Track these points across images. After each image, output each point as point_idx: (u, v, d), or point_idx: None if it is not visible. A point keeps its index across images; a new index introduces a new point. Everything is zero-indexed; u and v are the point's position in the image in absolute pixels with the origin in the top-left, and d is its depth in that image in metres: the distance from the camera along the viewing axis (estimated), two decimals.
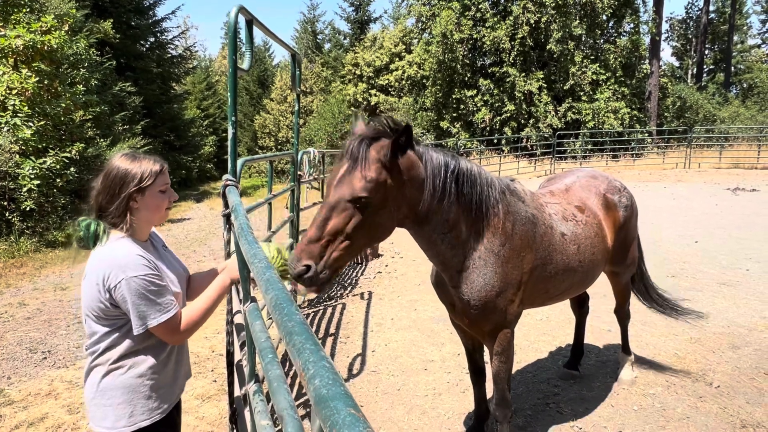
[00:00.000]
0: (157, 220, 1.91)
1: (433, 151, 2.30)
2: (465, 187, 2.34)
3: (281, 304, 0.97)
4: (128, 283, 1.70)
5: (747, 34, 45.17)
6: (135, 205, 1.81)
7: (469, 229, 2.39)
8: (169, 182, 1.92)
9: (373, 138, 2.08)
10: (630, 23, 24.93)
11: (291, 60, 4.50)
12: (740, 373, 4.00)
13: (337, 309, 5.99)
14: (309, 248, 1.97)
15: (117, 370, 1.78)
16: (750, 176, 17.18)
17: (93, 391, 1.79)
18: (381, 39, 32.66)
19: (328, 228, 1.98)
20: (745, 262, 7.09)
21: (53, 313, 6.19)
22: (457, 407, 3.69)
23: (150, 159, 1.87)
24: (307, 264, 1.95)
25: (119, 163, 1.82)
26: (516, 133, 22.89)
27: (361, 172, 2.00)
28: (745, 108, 28.21)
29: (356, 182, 1.99)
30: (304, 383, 0.73)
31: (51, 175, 10.49)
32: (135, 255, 1.75)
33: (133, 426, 1.80)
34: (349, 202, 1.99)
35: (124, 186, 1.79)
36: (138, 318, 1.72)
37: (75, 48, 11.99)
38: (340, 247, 2.00)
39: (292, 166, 5.34)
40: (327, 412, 0.62)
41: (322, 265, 1.97)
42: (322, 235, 1.98)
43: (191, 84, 37.63)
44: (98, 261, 1.75)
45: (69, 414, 3.79)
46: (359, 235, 2.04)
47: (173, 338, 1.81)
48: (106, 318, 1.77)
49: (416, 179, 2.18)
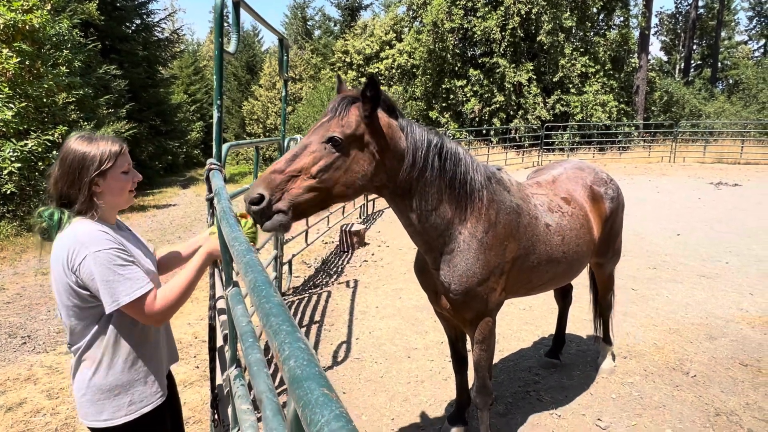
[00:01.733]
0: (122, 203, 1.84)
1: (417, 126, 2.30)
2: (448, 164, 2.34)
3: (259, 286, 0.97)
4: (93, 258, 1.63)
5: (734, 31, 45.61)
6: (98, 190, 1.74)
7: (454, 211, 2.40)
8: (130, 162, 1.84)
9: (355, 98, 2.09)
10: (620, 16, 25.02)
11: (279, 45, 4.45)
12: (716, 363, 4.10)
13: (323, 297, 5.99)
14: (269, 177, 1.91)
15: (105, 364, 1.74)
16: (733, 171, 17.44)
17: (84, 388, 1.74)
18: (371, 27, 32.39)
19: (295, 163, 1.95)
20: (724, 255, 7.22)
21: (34, 297, 6.12)
22: (439, 394, 3.73)
23: (107, 139, 1.79)
24: (261, 193, 1.87)
25: (76, 146, 1.73)
26: (505, 125, 22.93)
27: (340, 120, 2.03)
28: (730, 104, 28.56)
29: (333, 126, 2.02)
30: (279, 364, 0.72)
31: (32, 158, 10.29)
32: (96, 231, 1.69)
33: (135, 413, 1.78)
34: (322, 142, 1.99)
35: (83, 170, 1.71)
36: (109, 295, 1.64)
37: (58, 28, 11.69)
38: (303, 185, 1.94)
39: (279, 153, 5.30)
40: (300, 392, 0.62)
41: (278, 197, 1.90)
42: (286, 168, 1.94)
43: (178, 68, 37.00)
44: (59, 246, 1.68)
45: (48, 399, 3.76)
46: (324, 180, 1.98)
47: (150, 318, 1.71)
48: (81, 310, 1.71)
49: (396, 148, 2.18)
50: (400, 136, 2.20)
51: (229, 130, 40.06)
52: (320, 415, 0.57)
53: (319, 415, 0.57)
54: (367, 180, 2.12)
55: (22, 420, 3.50)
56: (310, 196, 1.95)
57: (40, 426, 3.43)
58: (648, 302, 5.45)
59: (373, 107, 2.07)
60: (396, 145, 2.18)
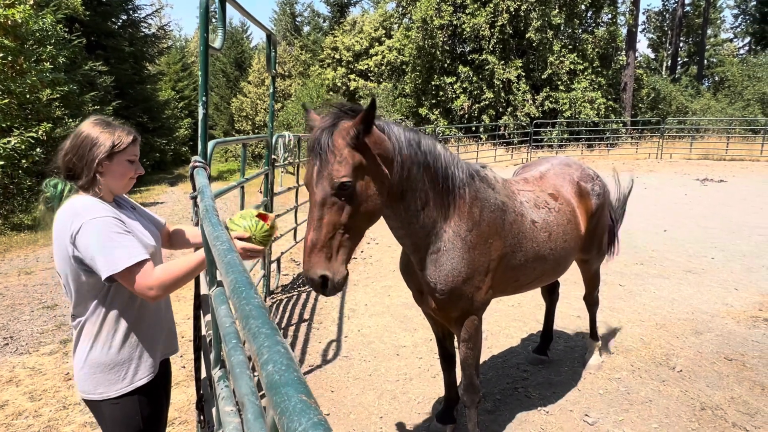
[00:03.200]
0: (119, 188, 1.88)
1: (395, 125, 2.28)
2: (429, 159, 2.33)
3: (239, 287, 0.94)
4: (90, 225, 1.67)
5: (720, 28, 46.17)
6: (101, 169, 1.80)
7: (439, 209, 2.38)
8: (137, 154, 1.91)
9: (332, 125, 2.01)
10: (608, 14, 25.19)
11: (267, 41, 4.41)
12: (702, 357, 4.14)
13: (312, 295, 5.97)
14: (316, 257, 1.93)
15: (102, 340, 1.80)
16: (718, 167, 17.66)
17: (81, 361, 1.81)
18: (361, 23, 32.30)
19: (325, 227, 1.94)
20: (710, 250, 7.30)
21: (17, 297, 6.02)
22: (428, 392, 3.73)
23: (124, 129, 1.87)
24: (323, 275, 1.93)
25: (92, 128, 1.81)
26: (494, 121, 23.01)
27: (335, 161, 1.95)
28: (716, 101, 28.89)
29: (334, 172, 1.93)
30: (257, 368, 0.71)
31: (16, 155, 10.13)
32: (93, 202, 1.76)
33: (130, 386, 1.83)
34: (334, 194, 1.94)
35: (93, 149, 1.78)
36: (105, 260, 1.65)
37: (41, 23, 11.50)
38: (344, 240, 1.98)
39: (267, 150, 5.26)
40: (278, 398, 0.60)
41: (335, 266, 1.95)
42: (321, 236, 1.94)
43: (166, 65, 36.61)
44: (59, 219, 1.74)
45: (31, 401, 3.70)
46: (357, 222, 2.01)
47: (145, 289, 1.70)
48: (80, 284, 1.75)
49: (386, 154, 2.14)
50: (386, 140, 2.17)
51: (217, 126, 39.78)
52: (297, 422, 0.55)
53: (296, 423, 0.55)
54: (383, 195, 2.12)
55: (3, 423, 3.44)
56: (353, 243, 2.03)
57: (23, 428, 3.37)
58: (635, 298, 5.49)
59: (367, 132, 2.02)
60: (386, 150, 2.14)
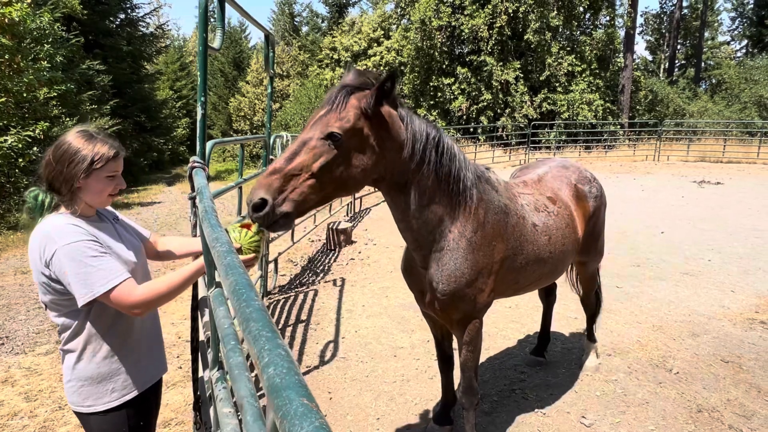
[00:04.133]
0: (97, 204, 1.84)
1: (417, 117, 2.27)
2: (444, 158, 2.30)
3: (240, 289, 0.94)
4: (62, 251, 1.64)
5: (717, 31, 46.32)
6: (78, 185, 1.75)
7: (445, 208, 2.37)
8: (120, 170, 1.84)
9: (356, 87, 2.03)
10: (606, 16, 25.25)
11: (265, 41, 4.40)
12: (699, 359, 4.15)
13: (309, 295, 5.96)
14: (269, 180, 1.87)
15: (87, 355, 1.78)
16: (715, 170, 17.71)
17: (69, 374, 1.79)
18: (359, 23, 32.29)
19: (295, 162, 1.90)
20: (707, 252, 7.32)
21: (13, 297, 5.99)
22: (425, 394, 3.73)
23: (106, 142, 1.79)
24: (263, 197, 1.83)
25: (72, 141, 1.75)
26: (492, 122, 23.04)
27: (338, 114, 1.96)
28: (713, 103, 28.94)
29: (332, 121, 1.95)
30: (258, 371, 0.70)
31: (12, 154, 10.08)
32: (66, 224, 1.70)
33: (118, 401, 1.82)
34: (321, 138, 1.93)
35: (72, 165, 1.72)
36: (82, 286, 1.63)
37: (39, 22, 11.45)
38: (305, 184, 1.90)
39: (266, 151, 5.25)
40: (279, 401, 0.60)
41: (281, 199, 1.86)
42: (286, 167, 1.89)
43: (164, 64, 36.54)
44: (33, 241, 1.70)
45: (26, 401, 3.69)
46: (326, 177, 1.95)
47: (130, 308, 1.70)
48: (58, 304, 1.73)
49: (396, 139, 2.13)
50: (400, 126, 2.15)
51: (215, 126, 39.69)
52: (299, 426, 0.55)
53: (298, 427, 0.55)
54: (367, 173, 2.07)
55: None
56: (312, 193, 1.93)
57: (18, 429, 3.36)
58: (632, 299, 5.50)
59: (381, 100, 2.02)
60: (396, 135, 2.13)
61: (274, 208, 1.85)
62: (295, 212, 1.91)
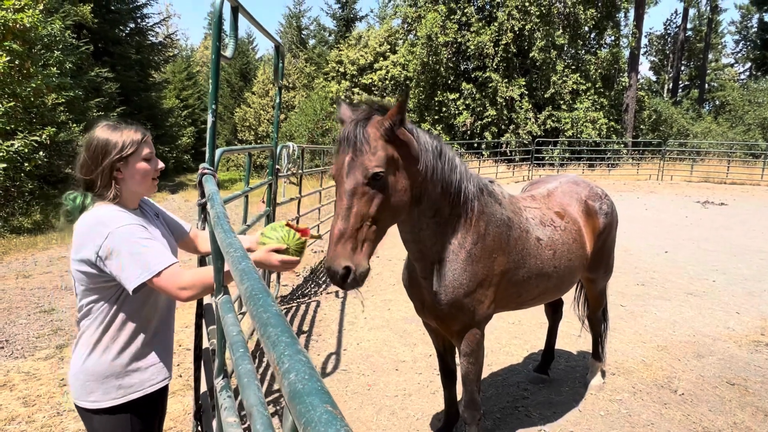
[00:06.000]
0: (144, 190, 1.87)
1: (420, 130, 2.30)
2: (446, 168, 2.33)
3: (256, 294, 0.93)
4: (115, 234, 1.66)
5: (721, 53, 46.60)
6: (120, 176, 1.79)
7: (447, 219, 2.38)
8: (152, 150, 1.89)
9: (365, 118, 2.05)
10: (611, 36, 25.42)
11: (274, 52, 4.43)
12: (704, 381, 4.10)
13: (311, 307, 5.93)
14: (342, 247, 1.90)
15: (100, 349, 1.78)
16: (719, 190, 17.70)
17: (77, 367, 1.78)
18: (366, 38, 32.56)
19: (353, 217, 1.92)
20: (711, 273, 7.28)
21: (14, 301, 5.97)
22: (427, 408, 3.68)
23: (131, 128, 1.84)
24: (347, 266, 1.88)
25: (99, 134, 1.80)
26: (496, 138, 23.11)
27: (369, 152, 1.96)
28: (717, 124, 29.03)
29: (367, 162, 1.94)
30: (278, 377, 0.69)
31: (18, 158, 10.14)
32: (116, 211, 1.75)
33: (123, 398, 1.80)
34: (366, 184, 1.94)
35: (105, 155, 1.76)
36: (139, 266, 1.64)
37: (50, 29, 11.59)
38: (369, 233, 1.95)
39: (271, 160, 5.26)
40: (302, 408, 0.59)
41: (358, 259, 1.91)
42: (349, 226, 1.91)
43: (171, 73, 36.88)
44: (81, 224, 1.72)
45: (24, 406, 3.65)
46: (384, 216, 2.00)
47: (180, 292, 1.69)
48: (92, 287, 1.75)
49: (413, 153, 2.16)
50: (412, 140, 2.18)
51: (220, 136, 39.87)
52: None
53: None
54: (408, 193, 2.12)
55: None
56: (377, 237, 2.01)
57: None
58: (636, 319, 5.46)
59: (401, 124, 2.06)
60: (412, 150, 2.16)
61: (358, 269, 1.91)
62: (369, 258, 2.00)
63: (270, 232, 1.83)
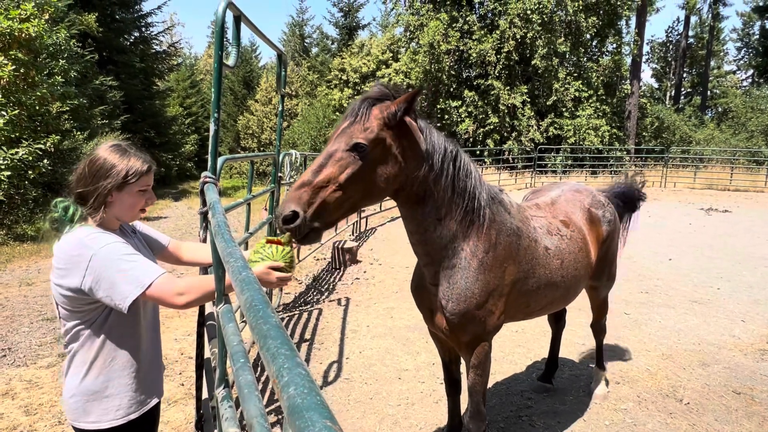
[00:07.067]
0: (128, 219, 1.87)
1: (435, 130, 2.29)
2: (461, 174, 2.32)
3: (256, 305, 0.92)
4: (99, 255, 1.64)
5: (723, 60, 46.68)
6: (110, 199, 1.77)
7: (459, 224, 2.35)
8: (151, 183, 1.88)
9: (377, 99, 2.08)
10: (613, 43, 25.49)
11: (277, 60, 4.44)
12: (710, 390, 4.06)
13: (313, 314, 5.91)
14: (298, 193, 1.90)
15: (96, 368, 1.76)
16: (723, 197, 17.64)
17: (73, 389, 1.75)
18: (369, 46, 32.74)
19: (322, 174, 1.94)
20: (716, 280, 7.23)
21: (17, 309, 5.98)
22: (430, 418, 3.66)
23: (139, 157, 1.83)
24: (295, 210, 1.87)
25: (107, 156, 1.78)
26: (498, 146, 23.12)
27: (362, 125, 2.01)
28: (720, 131, 29.03)
29: (356, 132, 1.99)
30: (277, 391, 0.68)
31: (23, 166, 10.18)
32: (97, 233, 1.73)
33: (123, 419, 1.78)
34: (347, 150, 1.97)
35: (106, 178, 1.75)
36: (129, 282, 1.63)
37: (55, 38, 11.68)
38: (332, 195, 1.94)
39: (274, 168, 5.27)
40: (301, 423, 0.58)
41: (311, 211, 1.90)
42: (314, 180, 1.92)
43: (175, 81, 37.09)
44: (62, 248, 1.70)
45: (26, 415, 3.64)
46: (352, 188, 1.98)
47: (176, 298, 1.68)
48: (77, 310, 1.72)
49: (416, 150, 2.16)
50: (420, 137, 2.18)
51: (223, 144, 40.02)
52: None
53: None
54: (390, 182, 2.11)
55: None
56: (338, 203, 1.97)
57: None
58: (640, 327, 5.42)
59: (407, 111, 2.07)
60: (417, 145, 2.16)
61: (305, 221, 1.88)
62: (324, 224, 1.96)
63: (255, 256, 1.84)
